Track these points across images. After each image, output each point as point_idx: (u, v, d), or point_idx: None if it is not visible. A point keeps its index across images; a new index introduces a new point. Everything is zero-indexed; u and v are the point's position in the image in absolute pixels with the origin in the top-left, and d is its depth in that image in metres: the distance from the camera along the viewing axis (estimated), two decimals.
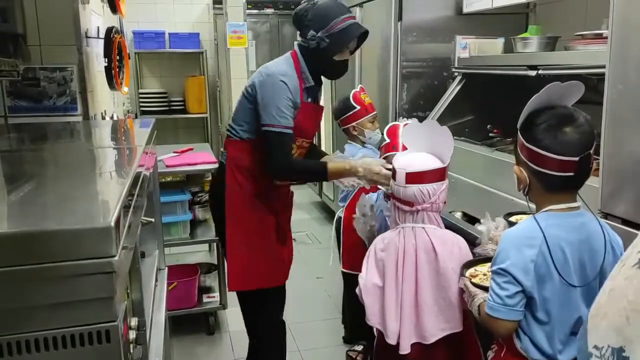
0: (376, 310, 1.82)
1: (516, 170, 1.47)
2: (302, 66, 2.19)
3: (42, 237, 0.85)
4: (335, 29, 2.09)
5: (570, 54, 2.34)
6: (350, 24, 2.11)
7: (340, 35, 2.09)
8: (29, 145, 1.93)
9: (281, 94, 2.06)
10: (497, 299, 1.39)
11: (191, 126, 6.04)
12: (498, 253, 1.42)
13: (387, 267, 1.79)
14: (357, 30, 2.13)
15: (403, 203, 1.79)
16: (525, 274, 1.37)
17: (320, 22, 2.10)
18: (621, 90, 1.54)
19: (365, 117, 2.76)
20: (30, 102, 2.72)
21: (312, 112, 2.25)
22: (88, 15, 3.03)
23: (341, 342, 3.10)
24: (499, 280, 1.40)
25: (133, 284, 1.28)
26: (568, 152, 1.36)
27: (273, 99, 2.06)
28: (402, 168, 1.77)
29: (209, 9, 5.83)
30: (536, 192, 1.45)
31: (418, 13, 3.42)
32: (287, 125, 2.07)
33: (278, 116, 2.05)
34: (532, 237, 1.38)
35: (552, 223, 1.40)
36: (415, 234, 1.78)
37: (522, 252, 1.38)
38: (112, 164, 1.54)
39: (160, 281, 2.09)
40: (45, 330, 0.88)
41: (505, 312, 1.39)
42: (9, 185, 1.24)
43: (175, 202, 3.04)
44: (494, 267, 1.42)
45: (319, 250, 4.49)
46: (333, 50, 2.12)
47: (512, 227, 1.53)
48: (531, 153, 1.40)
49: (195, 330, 3.25)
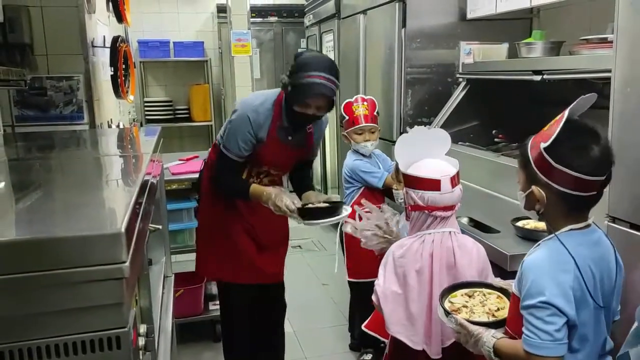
0: (397, 318, 1.79)
1: (535, 192, 1.35)
2: (283, 105, 2.23)
3: (52, 244, 0.86)
4: (299, 81, 2.09)
5: (575, 58, 2.34)
6: (312, 83, 2.07)
7: (300, 88, 2.09)
8: (36, 153, 1.94)
9: (243, 127, 2.20)
10: (545, 336, 1.27)
11: (196, 134, 6.07)
12: (530, 285, 1.30)
13: (408, 274, 1.77)
14: (315, 89, 2.08)
15: (446, 209, 1.76)
16: (568, 302, 1.27)
17: (293, 69, 2.14)
18: (628, 94, 1.53)
19: (352, 129, 2.75)
20: (37, 111, 2.74)
21: (279, 148, 2.28)
22: (94, 25, 3.06)
23: (347, 349, 3.09)
24: (541, 314, 1.28)
25: (142, 291, 1.28)
26: (597, 172, 1.29)
27: (235, 129, 2.21)
28: (445, 175, 1.73)
29: (213, 17, 5.87)
30: (555, 212, 1.36)
31: (422, 19, 3.42)
32: (238, 154, 2.23)
33: (233, 144, 2.21)
34: (565, 261, 1.30)
35: (577, 242, 1.33)
36: (441, 238, 1.76)
37: (559, 279, 1.28)
38: (119, 171, 1.54)
39: (167, 288, 2.10)
40: (56, 337, 0.89)
41: (555, 349, 1.27)
42: (17, 193, 1.25)
43: (181, 209, 3.04)
44: (530, 302, 1.30)
45: (325, 257, 4.48)
46: (293, 100, 2.15)
47: (534, 254, 1.37)
48: (560, 174, 1.30)
49: (201, 338, 3.24)
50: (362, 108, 2.74)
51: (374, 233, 2.02)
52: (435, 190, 1.74)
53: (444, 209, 1.76)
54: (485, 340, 1.42)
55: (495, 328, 1.47)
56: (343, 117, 2.79)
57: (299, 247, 4.84)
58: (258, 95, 2.32)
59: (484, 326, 1.46)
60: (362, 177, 2.73)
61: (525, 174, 1.39)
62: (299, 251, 4.77)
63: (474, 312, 1.55)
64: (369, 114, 2.74)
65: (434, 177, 1.73)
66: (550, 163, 1.31)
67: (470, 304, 1.58)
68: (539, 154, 1.33)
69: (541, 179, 1.34)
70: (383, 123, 3.08)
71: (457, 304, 1.58)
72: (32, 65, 2.68)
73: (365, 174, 2.72)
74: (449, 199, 1.75)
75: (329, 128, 5.53)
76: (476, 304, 1.59)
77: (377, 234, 2.02)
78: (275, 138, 2.25)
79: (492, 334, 1.43)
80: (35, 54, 2.70)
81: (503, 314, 1.54)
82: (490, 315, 1.54)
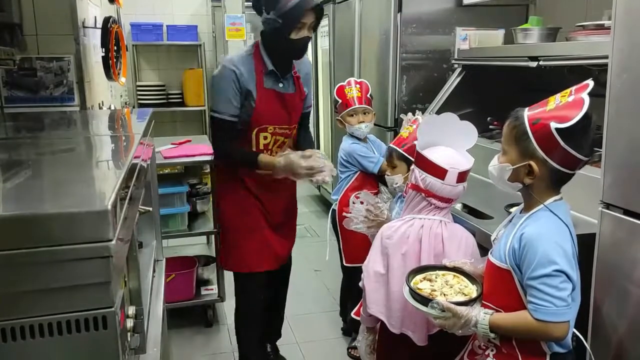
0: (377, 298, 1.80)
1: (533, 165, 1.38)
2: (261, 52, 2.20)
3: (38, 220, 0.84)
4: (286, 7, 2.06)
5: (571, 44, 2.32)
6: (299, 1, 2.06)
7: (292, 12, 2.06)
8: (24, 133, 1.91)
9: (228, 83, 2.14)
10: (560, 302, 1.32)
11: (189, 119, 6.02)
12: (538, 256, 1.34)
13: (392, 255, 1.77)
14: (307, 3, 2.09)
15: (443, 200, 1.76)
16: (572, 269, 1.35)
17: (271, 2, 2.09)
18: (625, 80, 1.52)
19: (345, 111, 2.73)
20: (27, 92, 2.70)
21: (274, 99, 2.24)
22: (85, 5, 3.01)
23: (339, 334, 3.09)
24: (555, 282, 1.32)
25: (131, 272, 1.26)
26: (590, 153, 1.37)
27: (219, 88, 2.16)
28: (454, 167, 1.72)
29: (207, 1, 5.80)
30: (541, 186, 1.42)
31: (418, 5, 3.40)
32: (231, 113, 2.16)
33: (221, 104, 2.16)
34: (563, 230, 1.37)
35: (563, 212, 1.41)
36: (430, 225, 1.75)
37: (564, 247, 1.35)
38: (109, 151, 1.52)
39: (158, 272, 2.08)
40: (41, 316, 0.87)
41: (569, 313, 1.34)
42: (4, 171, 1.23)
43: (173, 194, 3.02)
44: (543, 271, 1.33)
45: (317, 243, 4.47)
46: (288, 29, 2.11)
47: (534, 226, 1.40)
48: (565, 154, 1.35)
49: (193, 323, 3.24)
50: (355, 90, 2.73)
51: (365, 216, 2.03)
52: (439, 178, 1.73)
53: (441, 199, 1.75)
54: (478, 319, 1.41)
55: (472, 305, 1.47)
56: (337, 101, 2.77)
57: None
58: (232, 54, 2.30)
59: (466, 305, 1.45)
60: (358, 160, 2.72)
61: (520, 147, 1.41)
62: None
63: (446, 294, 1.53)
64: (362, 96, 2.73)
65: (442, 166, 1.72)
66: (559, 143, 1.34)
67: (437, 287, 1.56)
68: (548, 132, 1.34)
69: (540, 155, 1.37)
70: (378, 109, 3.06)
71: (427, 290, 1.55)
72: (22, 45, 2.63)
73: (362, 157, 2.71)
74: (449, 192, 1.74)
75: (322, 113, 5.52)
76: (442, 286, 1.57)
77: (368, 217, 2.02)
78: (265, 88, 2.21)
79: (483, 311, 1.43)
80: (24, 34, 2.65)
81: (471, 292, 1.53)
82: (461, 294, 1.53)
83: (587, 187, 1.66)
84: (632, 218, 1.48)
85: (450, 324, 1.44)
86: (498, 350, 1.47)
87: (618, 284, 1.51)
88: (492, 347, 1.48)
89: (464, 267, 1.62)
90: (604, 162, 1.58)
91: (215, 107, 2.19)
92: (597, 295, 1.58)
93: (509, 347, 1.44)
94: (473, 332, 1.46)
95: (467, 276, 1.60)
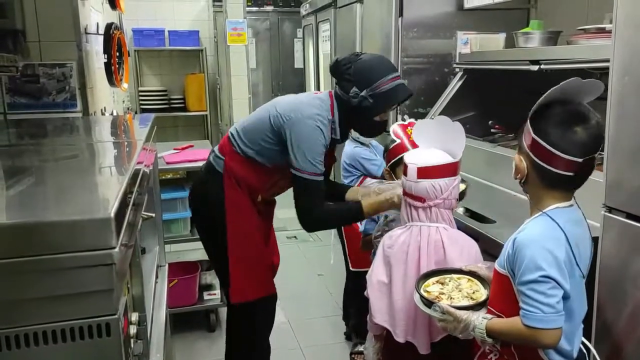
0: (381, 307, 1.79)
1: (517, 159, 1.43)
2: (335, 117, 2.05)
3: (41, 228, 0.84)
4: (380, 89, 1.96)
5: (573, 48, 2.32)
6: (397, 85, 1.98)
7: (386, 96, 1.97)
8: (28, 140, 1.92)
9: (318, 141, 1.97)
10: (548, 309, 1.30)
11: (191, 124, 6.03)
12: (526, 261, 1.33)
13: (394, 265, 1.76)
14: (403, 92, 2.02)
15: (414, 199, 1.76)
16: (563, 276, 1.32)
17: (364, 80, 1.97)
18: (627, 83, 1.52)
19: None
20: (30, 98, 2.70)
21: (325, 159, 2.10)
22: (87, 12, 3.02)
23: (342, 338, 3.09)
24: (542, 288, 1.30)
25: (134, 279, 1.26)
26: (573, 152, 1.33)
27: (309, 145, 1.96)
28: (413, 163, 1.73)
29: (208, 6, 5.82)
30: (533, 185, 1.42)
31: (419, 9, 3.40)
32: (319, 172, 1.98)
33: (311, 163, 1.96)
34: (557, 237, 1.34)
35: (565, 219, 1.37)
36: (428, 232, 1.74)
37: (554, 253, 1.32)
38: (112, 158, 1.52)
39: (161, 278, 2.08)
40: (45, 323, 0.87)
41: (557, 320, 1.31)
42: (7, 178, 1.23)
43: (175, 199, 3.03)
44: (530, 277, 1.31)
45: (320, 247, 4.47)
46: (376, 111, 2.01)
47: (526, 231, 1.40)
48: (536, 145, 1.36)
49: (196, 328, 3.24)
50: None
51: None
52: (404, 175, 1.77)
53: (412, 197, 1.76)
54: (476, 323, 1.42)
55: (478, 310, 1.48)
56: None
57: (295, 238, 4.83)
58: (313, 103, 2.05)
59: (469, 310, 1.46)
60: (362, 164, 2.72)
61: (519, 142, 1.46)
62: (295, 241, 4.76)
63: (453, 297, 1.55)
64: None
65: (406, 162, 1.75)
66: (530, 131, 1.37)
67: (446, 291, 1.57)
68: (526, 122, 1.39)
69: (524, 148, 1.41)
70: None
71: (434, 293, 1.57)
72: (25, 52, 2.64)
73: (365, 161, 2.71)
74: (415, 188, 1.74)
75: None
76: (452, 289, 1.58)
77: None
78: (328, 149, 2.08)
79: (481, 316, 1.44)
80: (27, 41, 2.66)
81: (480, 296, 1.53)
82: (468, 299, 1.54)
83: (590, 191, 1.66)
84: (635, 222, 1.48)
85: (451, 327, 1.47)
86: (500, 355, 1.47)
87: (621, 287, 1.50)
88: (496, 351, 1.48)
89: (479, 271, 1.61)
90: (606, 165, 1.58)
91: (302, 166, 1.96)
92: (601, 299, 1.58)
93: (508, 353, 1.44)
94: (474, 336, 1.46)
95: (482, 281, 1.60)
